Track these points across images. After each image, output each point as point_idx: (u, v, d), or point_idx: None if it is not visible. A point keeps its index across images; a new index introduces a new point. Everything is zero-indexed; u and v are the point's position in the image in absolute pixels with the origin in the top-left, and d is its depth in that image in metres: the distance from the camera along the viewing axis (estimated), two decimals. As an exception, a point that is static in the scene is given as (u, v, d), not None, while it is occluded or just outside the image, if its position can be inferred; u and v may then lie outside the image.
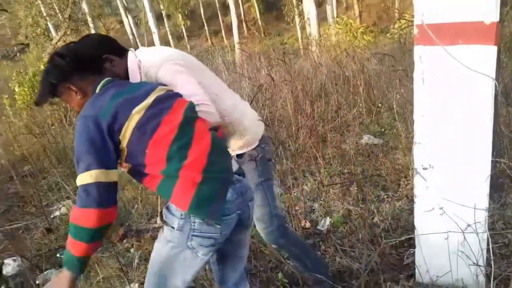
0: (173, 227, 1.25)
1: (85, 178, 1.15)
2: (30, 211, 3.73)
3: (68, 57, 1.32)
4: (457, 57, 1.35)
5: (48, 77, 1.32)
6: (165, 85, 1.37)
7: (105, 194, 1.16)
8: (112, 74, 1.41)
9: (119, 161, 1.26)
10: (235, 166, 1.35)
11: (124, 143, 1.20)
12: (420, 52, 1.44)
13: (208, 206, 1.21)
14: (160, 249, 1.31)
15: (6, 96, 6.34)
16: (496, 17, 1.26)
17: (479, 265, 1.59)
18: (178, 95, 1.33)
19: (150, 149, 1.20)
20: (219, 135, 1.43)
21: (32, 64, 13.53)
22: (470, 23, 1.30)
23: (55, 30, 17.64)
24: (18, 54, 21.58)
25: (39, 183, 3.98)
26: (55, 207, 3.63)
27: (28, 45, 18.67)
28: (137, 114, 1.20)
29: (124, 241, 2.98)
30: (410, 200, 2.70)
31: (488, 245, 1.50)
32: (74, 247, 1.19)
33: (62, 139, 4.78)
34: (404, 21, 8.76)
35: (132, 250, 2.82)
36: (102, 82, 1.31)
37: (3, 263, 1.23)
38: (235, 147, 1.72)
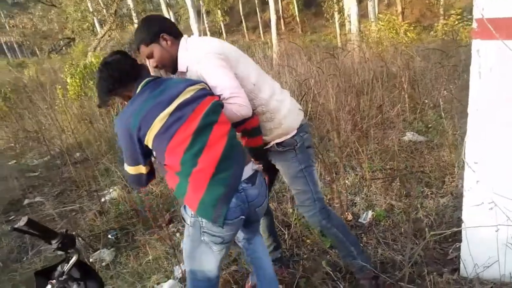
0: (187, 224, 1.47)
1: (128, 169, 1.53)
2: (82, 194, 3.96)
3: (113, 71, 1.53)
4: (516, 51, 1.36)
5: (102, 85, 1.53)
6: (199, 82, 1.54)
7: (138, 181, 1.53)
8: (166, 53, 1.65)
9: (153, 157, 1.53)
10: (247, 173, 1.46)
11: (150, 146, 1.42)
12: (478, 46, 1.46)
13: (212, 210, 1.37)
14: (185, 240, 1.54)
15: (60, 86, 6.70)
16: (558, 11, 1.27)
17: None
18: (206, 94, 1.47)
19: (168, 155, 1.39)
20: (253, 123, 1.64)
21: (78, 57, 14.17)
22: (531, 17, 1.31)
23: (100, 25, 18.35)
24: (64, 48, 22.59)
25: (91, 169, 4.21)
26: (106, 191, 3.83)
27: (74, 39, 19.51)
28: (158, 123, 1.38)
29: (171, 225, 3.13)
30: (455, 197, 2.68)
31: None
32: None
33: (110, 129, 5.03)
34: (452, 18, 8.51)
35: (178, 234, 2.96)
36: (142, 83, 1.50)
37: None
38: (274, 134, 1.80)
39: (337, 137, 2.92)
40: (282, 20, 23.33)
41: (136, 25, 10.95)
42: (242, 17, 25.34)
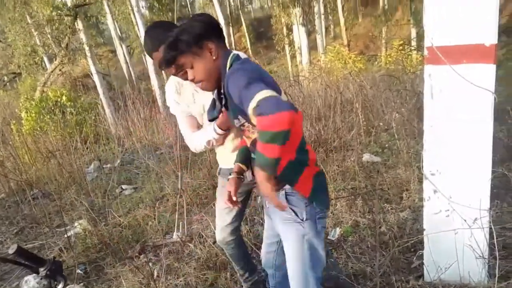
0: (302, 219, 1.41)
1: (267, 92, 1.16)
2: (43, 231, 3.82)
3: (207, 18, 1.40)
4: (462, 74, 1.59)
5: (187, 34, 1.35)
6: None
7: (280, 101, 1.16)
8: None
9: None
10: None
11: None
12: (429, 70, 1.68)
13: (323, 193, 1.48)
14: (299, 247, 1.44)
15: (14, 121, 6.48)
16: (494, 40, 1.51)
17: (485, 258, 1.77)
18: None
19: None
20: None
21: (27, 92, 13.68)
22: (473, 45, 1.54)
23: (50, 60, 17.86)
24: (8, 83, 21.68)
25: (52, 204, 4.08)
26: (69, 227, 3.72)
27: (20, 74, 18.83)
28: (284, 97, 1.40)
29: (142, 256, 3.10)
30: (413, 210, 2.90)
31: (492, 238, 1.69)
32: (268, 150, 1.19)
33: (70, 164, 4.92)
34: (395, 50, 9.21)
35: (150, 264, 2.94)
36: (231, 55, 1.40)
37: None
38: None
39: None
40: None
41: (89, 59, 10.74)
42: (195, 50, 25.66)
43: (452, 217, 1.86)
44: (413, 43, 18.37)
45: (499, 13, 1.54)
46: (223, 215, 2.03)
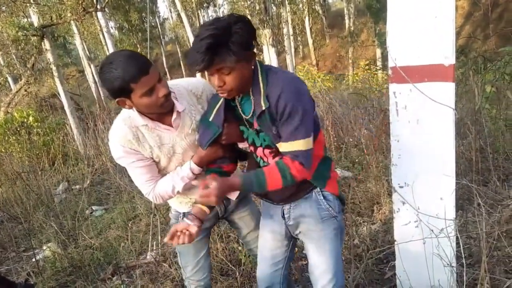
0: (337, 213, 1.59)
1: (307, 143, 1.34)
2: (9, 256, 3.67)
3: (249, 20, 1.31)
4: (424, 92, 1.70)
5: (240, 36, 1.24)
6: None
7: (310, 157, 1.39)
8: None
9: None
10: None
11: None
12: (394, 88, 1.78)
13: (341, 192, 1.65)
14: (335, 239, 1.61)
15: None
16: (452, 61, 1.63)
17: (452, 266, 1.86)
18: None
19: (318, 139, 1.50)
20: None
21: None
22: (433, 65, 1.66)
23: (13, 80, 17.35)
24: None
25: (18, 228, 3.93)
26: (37, 250, 3.60)
27: (-19, 95, 18.18)
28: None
29: (115, 277, 3.03)
30: (384, 223, 2.99)
31: (459, 247, 1.78)
32: (273, 187, 1.39)
33: (37, 186, 4.78)
34: (361, 70, 9.54)
35: (123, 287, 2.88)
36: (259, 63, 1.39)
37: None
38: None
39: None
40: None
41: (56, 79, 10.52)
42: (166, 69, 25.68)
43: (421, 227, 1.94)
44: (379, 63, 19.07)
45: (456, 35, 1.67)
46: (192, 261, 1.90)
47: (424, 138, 1.84)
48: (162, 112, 1.51)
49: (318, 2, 23.69)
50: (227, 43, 1.21)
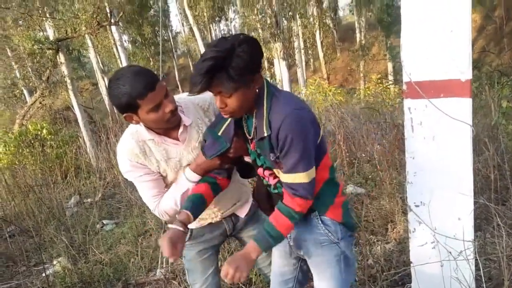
0: (338, 239, 1.50)
1: (309, 175, 1.33)
2: (19, 270, 3.66)
3: (257, 42, 1.27)
4: (440, 108, 1.65)
5: (242, 61, 1.20)
6: None
7: (313, 188, 1.38)
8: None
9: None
10: None
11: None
12: (409, 104, 1.74)
13: (351, 218, 1.55)
14: (336, 266, 1.53)
15: (-9, 156, 6.33)
16: (469, 76, 1.58)
17: (472, 289, 1.78)
18: None
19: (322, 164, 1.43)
20: None
21: (5, 125, 13.42)
22: (449, 80, 1.61)
23: (29, 93, 17.66)
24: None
25: (29, 242, 3.94)
26: (48, 265, 3.59)
27: (-3, 107, 18.52)
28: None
29: (124, 294, 2.99)
30: (399, 242, 2.91)
31: (478, 270, 1.71)
32: (288, 230, 1.42)
33: (49, 199, 4.79)
34: (373, 83, 9.50)
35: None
36: (266, 85, 1.34)
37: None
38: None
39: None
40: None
41: (70, 92, 10.68)
42: (178, 82, 25.94)
43: (438, 249, 1.87)
44: (390, 77, 18.99)
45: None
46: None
47: (440, 155, 1.79)
48: (169, 127, 1.51)
49: (329, 16, 23.78)
50: (227, 68, 1.19)
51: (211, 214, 1.77)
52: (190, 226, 1.82)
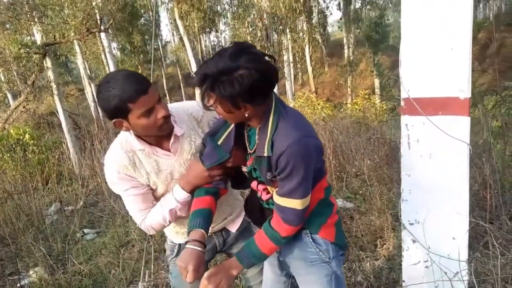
0: (330, 258, 1.43)
1: (304, 203, 1.28)
2: (-8, 280, 3.49)
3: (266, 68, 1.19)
4: (438, 126, 1.62)
5: (230, 85, 1.13)
6: None
7: (303, 216, 1.32)
8: None
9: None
10: None
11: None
12: (406, 120, 1.71)
13: (343, 236, 1.50)
14: (327, 285, 1.45)
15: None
16: (468, 94, 1.56)
17: (467, 312, 1.74)
18: None
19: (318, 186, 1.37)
20: None
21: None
22: (448, 98, 1.59)
23: (13, 97, 17.32)
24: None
25: (2, 251, 3.77)
26: (23, 274, 3.43)
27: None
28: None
29: (103, 308, 2.87)
30: (388, 259, 2.87)
31: (473, 291, 1.67)
32: (272, 251, 1.37)
33: (29, 206, 4.63)
34: (360, 99, 9.58)
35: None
36: (276, 101, 1.28)
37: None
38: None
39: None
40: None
41: (56, 97, 10.47)
42: (166, 91, 25.82)
43: (432, 268, 1.83)
44: (377, 91, 19.24)
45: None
46: None
47: (436, 173, 1.76)
48: (160, 135, 1.43)
49: (318, 31, 24.09)
50: (222, 83, 1.13)
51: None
52: (177, 241, 1.75)
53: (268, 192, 1.41)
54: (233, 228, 1.78)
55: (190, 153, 1.52)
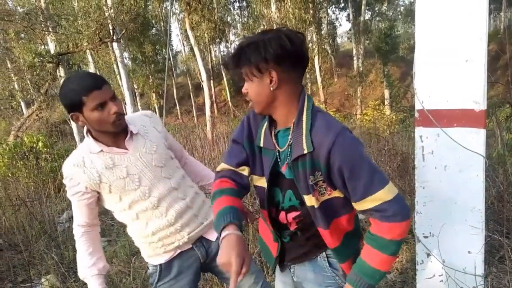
0: (344, 282, 1.28)
1: (390, 189, 1.11)
2: (5, 287, 3.52)
3: (295, 44, 1.14)
4: (453, 138, 1.62)
5: (254, 48, 1.13)
6: None
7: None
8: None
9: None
10: None
11: None
12: (420, 132, 1.71)
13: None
14: None
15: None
16: (484, 106, 1.56)
17: (483, 327, 1.71)
18: None
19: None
20: None
21: (0, 136, 13.30)
22: (463, 110, 1.59)
23: (26, 105, 17.58)
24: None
25: (18, 257, 3.80)
26: (35, 281, 3.46)
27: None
28: None
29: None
30: (401, 272, 2.83)
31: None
32: (388, 264, 1.17)
33: (41, 213, 4.67)
34: (370, 110, 9.56)
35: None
36: (308, 97, 1.21)
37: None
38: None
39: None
40: (215, 105, 24.32)
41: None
42: (176, 101, 26.01)
43: (447, 283, 1.81)
44: (387, 103, 19.15)
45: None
46: None
47: (451, 186, 1.75)
48: (114, 131, 1.49)
49: (327, 42, 24.16)
50: (240, 52, 1.16)
51: (176, 236, 1.61)
52: (157, 262, 1.65)
53: (298, 221, 1.31)
54: (212, 236, 1.70)
55: (144, 147, 1.58)
